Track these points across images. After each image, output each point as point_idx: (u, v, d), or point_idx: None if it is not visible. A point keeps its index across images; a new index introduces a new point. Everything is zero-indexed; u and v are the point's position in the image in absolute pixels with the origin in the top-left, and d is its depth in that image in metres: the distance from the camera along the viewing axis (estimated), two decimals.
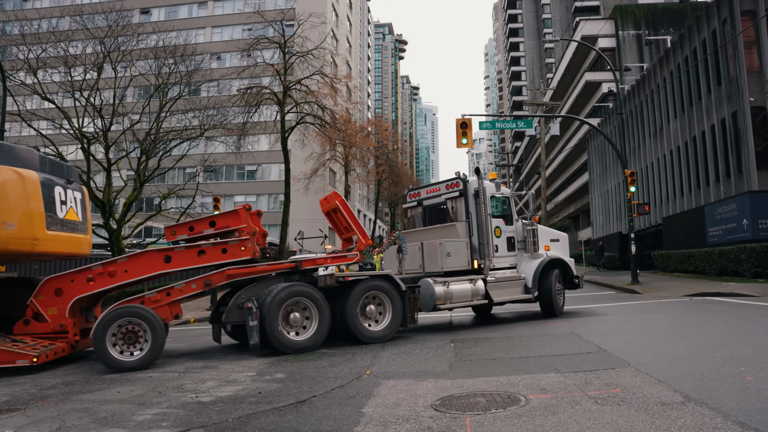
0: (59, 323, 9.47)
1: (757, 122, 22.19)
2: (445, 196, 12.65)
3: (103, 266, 9.65)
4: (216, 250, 9.90)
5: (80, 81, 23.90)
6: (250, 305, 8.99)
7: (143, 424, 5.27)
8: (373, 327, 10.05)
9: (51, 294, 9.56)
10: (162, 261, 9.78)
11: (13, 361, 8.60)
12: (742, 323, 9.87)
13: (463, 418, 4.84)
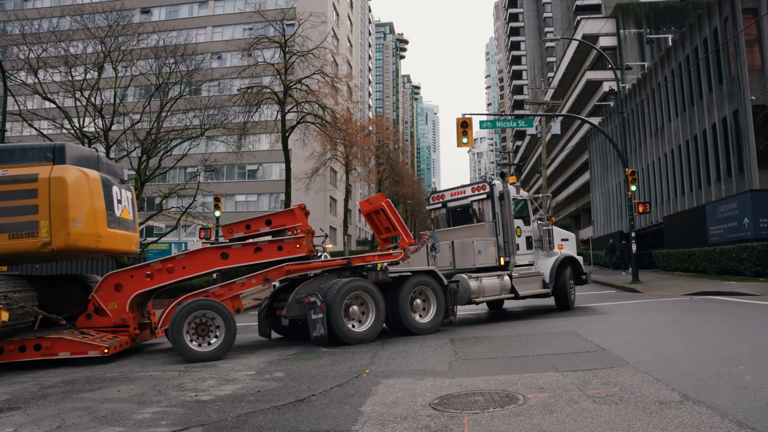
0: (120, 317, 9.93)
1: (759, 121, 22.16)
2: (471, 198, 13.37)
3: (161, 263, 10.17)
4: (272, 248, 10.39)
5: (81, 81, 23.93)
6: (313, 299, 9.42)
7: (142, 422, 5.29)
8: (420, 319, 10.67)
9: (111, 289, 9.99)
10: (219, 258, 10.27)
11: (85, 351, 9.19)
12: (742, 322, 9.86)
13: (461, 416, 4.85)
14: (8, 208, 9.05)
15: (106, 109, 24.31)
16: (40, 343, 9.20)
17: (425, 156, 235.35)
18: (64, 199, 9.13)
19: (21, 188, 9.15)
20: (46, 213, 9.10)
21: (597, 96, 50.94)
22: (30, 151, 9.62)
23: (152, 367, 8.57)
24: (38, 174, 9.19)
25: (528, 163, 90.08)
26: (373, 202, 11.69)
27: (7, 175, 9.17)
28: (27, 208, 9.11)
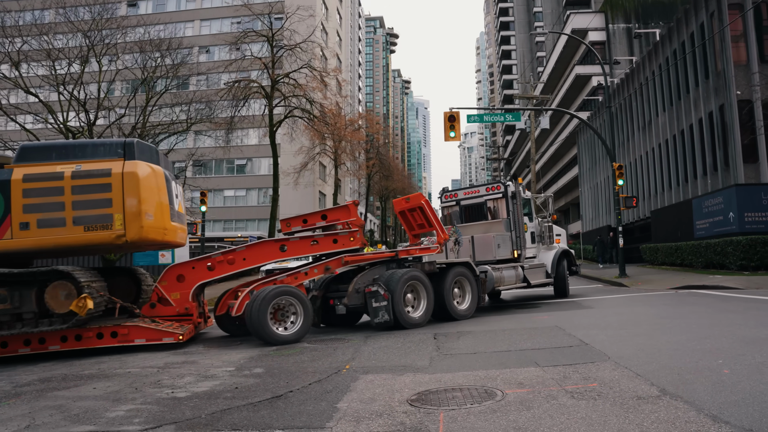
0: (184, 306, 10.51)
1: (744, 115, 22.26)
2: (485, 197, 14.71)
3: (223, 255, 10.79)
4: (328, 241, 11.16)
5: (64, 74, 23.60)
6: (375, 288, 10.30)
7: (115, 420, 5.19)
8: (458, 306, 11.67)
9: (173, 280, 10.60)
10: (278, 250, 11.03)
11: (160, 338, 9.87)
12: (725, 316, 9.89)
13: (437, 413, 4.79)
14: (83, 201, 9.46)
15: (90, 104, 24.01)
16: (117, 331, 9.79)
17: (415, 151, 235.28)
18: (137, 193, 9.57)
19: (95, 182, 9.53)
20: (119, 206, 9.53)
21: (586, 90, 51.02)
22: (101, 146, 10.12)
23: (132, 364, 8.45)
24: (111, 169, 9.61)
25: (518, 157, 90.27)
26: (410, 201, 12.64)
27: (81, 170, 9.57)
28: (101, 201, 9.52)
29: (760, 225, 19.27)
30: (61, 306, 9.31)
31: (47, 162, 9.74)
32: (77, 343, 9.69)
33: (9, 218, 9.36)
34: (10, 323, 9.34)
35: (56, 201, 9.44)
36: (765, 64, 22.47)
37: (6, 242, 9.32)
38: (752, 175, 22.19)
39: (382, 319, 10.22)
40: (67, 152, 9.95)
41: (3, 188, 9.42)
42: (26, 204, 9.39)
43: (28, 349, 9.58)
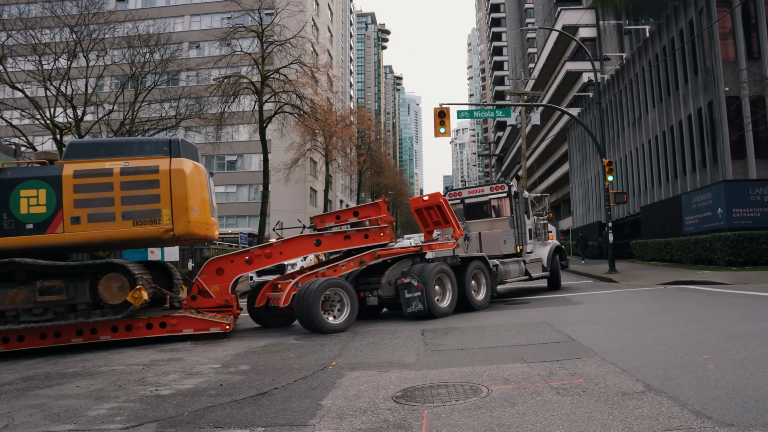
0: (224, 298, 10.88)
1: (732, 112, 22.38)
2: (490, 196, 15.66)
3: (261, 249, 11.32)
4: (359, 236, 11.77)
5: (50, 70, 23.34)
6: (408, 280, 10.97)
7: (96, 419, 5.12)
8: (477, 297, 12.44)
9: (213, 273, 11.01)
10: (313, 244, 11.57)
11: (207, 328, 10.28)
12: (712, 311, 9.93)
13: (421, 409, 4.76)
14: (131, 197, 9.83)
15: (77, 99, 23.77)
16: (165, 321, 10.17)
17: (407, 147, 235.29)
18: (184, 190, 9.96)
19: (143, 179, 9.90)
20: (167, 202, 9.90)
21: (577, 87, 51.17)
22: (147, 144, 10.53)
23: (117, 362, 8.37)
24: (158, 166, 9.98)
25: (509, 153, 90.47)
26: (428, 200, 13.31)
27: (129, 167, 9.93)
28: (149, 197, 9.87)
29: (748, 221, 19.41)
30: (114, 297, 9.73)
31: (95, 159, 10.07)
32: (127, 333, 10.05)
33: (61, 213, 9.69)
34: (64, 314, 9.69)
35: (106, 196, 9.81)
36: (753, 61, 22.60)
37: (58, 236, 9.68)
38: (740, 172, 22.33)
39: (415, 308, 10.87)
40: (115, 149, 10.34)
41: (54, 184, 9.72)
42: (77, 199, 9.73)
43: (81, 339, 9.94)
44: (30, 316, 9.55)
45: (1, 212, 9.63)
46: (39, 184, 9.72)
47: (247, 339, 9.97)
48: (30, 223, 9.65)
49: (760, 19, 22.84)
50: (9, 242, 9.60)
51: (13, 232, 9.60)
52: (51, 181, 9.75)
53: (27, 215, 9.65)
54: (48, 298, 9.54)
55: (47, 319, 9.60)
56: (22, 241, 9.64)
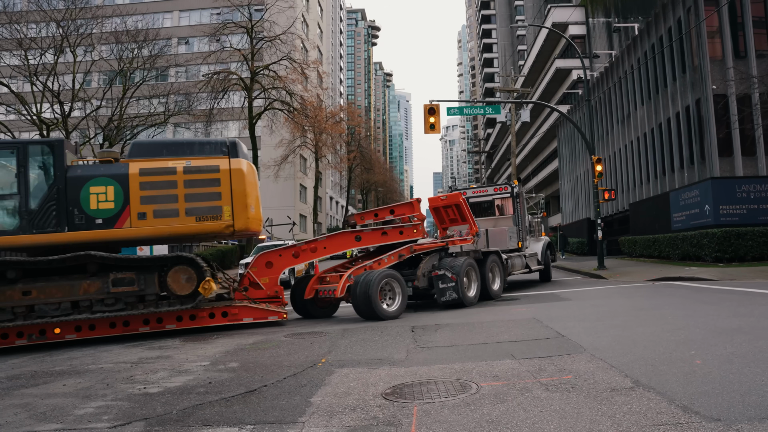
0: (273, 290, 11.65)
1: (719, 110, 22.56)
2: (493, 196, 17.08)
3: (307, 244, 12.18)
4: (395, 232, 12.73)
5: (36, 65, 23.06)
6: (442, 272, 12.03)
7: (83, 418, 5.07)
8: (494, 287, 13.79)
9: (262, 266, 11.73)
10: (353, 240, 12.52)
11: (265, 317, 11.18)
12: (699, 307, 10.01)
13: (411, 406, 4.76)
14: (194, 194, 10.51)
15: (64, 95, 23.51)
16: (227, 311, 10.93)
17: (397, 144, 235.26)
18: (243, 188, 10.71)
19: (205, 177, 10.59)
20: (228, 199, 10.61)
21: (566, 84, 51.36)
22: (207, 145, 11.16)
23: (105, 359, 8.30)
24: (219, 165, 10.68)
25: (498, 150, 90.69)
26: (447, 199, 14.24)
27: (191, 166, 10.59)
28: (211, 194, 10.57)
29: (735, 217, 19.60)
30: (182, 288, 10.38)
31: (158, 158, 10.68)
32: (191, 322, 10.69)
33: (128, 209, 10.29)
34: (133, 304, 10.27)
35: (170, 193, 10.42)
36: (739, 60, 22.79)
37: (126, 230, 10.29)
38: (727, 169, 22.53)
39: (449, 297, 11.95)
40: (176, 149, 10.95)
41: (122, 181, 10.31)
42: (143, 196, 10.34)
43: (148, 328, 10.50)
44: (102, 306, 10.12)
45: (73, 208, 10.14)
46: (107, 181, 10.26)
47: (237, 336, 9.92)
48: (99, 218, 10.21)
49: (747, 18, 23.03)
50: (80, 236, 10.12)
51: (84, 227, 10.15)
52: (118, 178, 10.31)
53: (96, 211, 10.20)
54: (120, 289, 10.12)
55: (118, 309, 10.17)
56: (92, 235, 10.17)
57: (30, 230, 10.00)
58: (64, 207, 10.13)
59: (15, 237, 9.97)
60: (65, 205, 10.13)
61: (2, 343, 9.86)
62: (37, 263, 9.80)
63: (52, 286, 9.93)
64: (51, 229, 10.05)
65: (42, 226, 10.03)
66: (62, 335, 10.09)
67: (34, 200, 10.08)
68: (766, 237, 18.69)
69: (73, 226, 10.12)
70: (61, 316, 9.91)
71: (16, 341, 9.87)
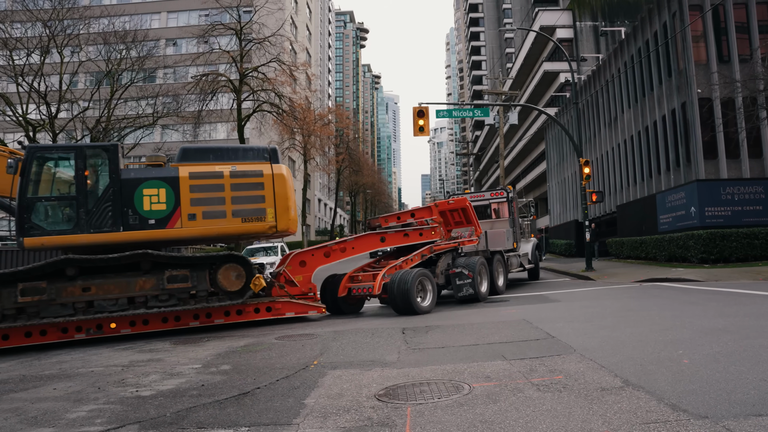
0: (307, 287, 12.37)
1: (704, 113, 22.86)
2: (490, 201, 18.28)
3: (337, 244, 12.99)
4: (415, 234, 13.66)
5: (23, 65, 22.84)
6: (459, 270, 13.24)
7: (75, 422, 5.05)
8: (500, 283, 15.24)
9: (296, 265, 12.43)
10: (378, 241, 13.45)
11: (306, 311, 12.01)
12: (686, 308, 10.15)
13: (404, 407, 4.80)
14: (240, 197, 11.24)
15: (51, 96, 23.31)
16: (271, 306, 11.64)
17: (385, 146, 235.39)
18: (285, 192, 11.53)
19: (249, 181, 11.34)
20: (271, 202, 11.40)
21: (554, 87, 51.72)
22: (250, 151, 11.88)
23: (95, 363, 8.25)
24: (262, 170, 11.48)
25: (487, 152, 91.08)
26: (454, 203, 15.10)
27: (237, 170, 11.32)
28: (255, 197, 11.33)
29: (720, 219, 19.85)
30: (232, 285, 11.12)
31: (205, 162, 11.36)
32: (238, 317, 11.37)
33: (179, 210, 10.91)
34: (186, 300, 10.90)
35: (218, 196, 11.14)
36: (723, 64, 23.12)
37: (177, 230, 10.90)
38: (712, 171, 22.83)
39: (466, 293, 13.15)
40: (222, 154, 11.62)
41: (173, 184, 10.93)
42: (193, 198, 11.00)
43: (197, 323, 11.10)
44: (156, 302, 10.69)
45: (127, 209, 10.74)
46: (159, 183, 10.89)
47: (228, 339, 9.90)
48: (152, 218, 10.82)
49: (729, 23, 23.37)
50: (134, 236, 10.73)
51: (138, 227, 10.76)
52: (170, 181, 10.94)
53: (149, 212, 10.81)
54: (175, 285, 10.75)
55: (171, 305, 10.75)
56: (145, 235, 10.78)
57: (88, 230, 10.56)
58: (120, 208, 10.69)
59: (74, 236, 10.48)
60: (120, 206, 10.69)
61: (62, 337, 10.31)
62: (95, 261, 10.34)
63: (109, 282, 10.46)
64: (107, 228, 10.63)
65: (99, 226, 10.61)
66: (117, 330, 10.60)
67: (92, 201, 10.65)
68: (750, 238, 18.97)
69: (127, 226, 10.70)
70: (118, 311, 10.44)
71: (75, 335, 10.37)
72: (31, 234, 10.38)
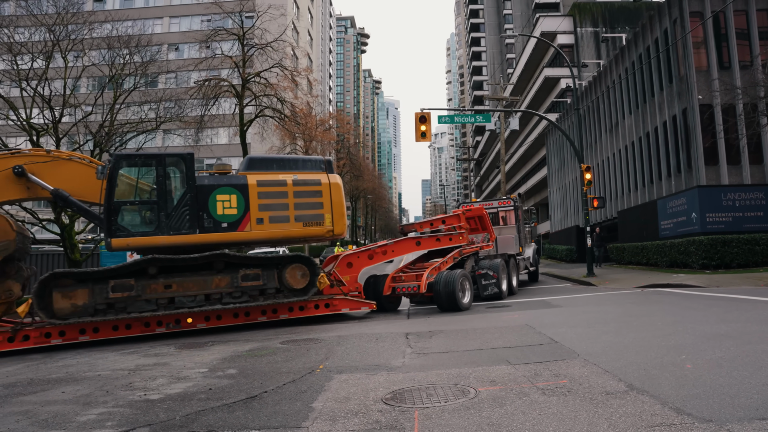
0: (355, 287, 13.40)
1: (705, 119, 22.95)
2: (498, 208, 19.55)
3: (379, 248, 14.01)
4: (446, 239, 14.84)
5: (27, 70, 22.92)
6: (484, 271, 15.15)
7: (86, 424, 5.11)
8: (514, 283, 16.85)
9: (344, 266, 13.43)
10: (414, 244, 14.58)
11: (359, 308, 13.12)
12: (688, 313, 10.21)
13: (412, 411, 4.86)
14: (302, 203, 12.29)
15: (55, 101, 23.37)
16: (329, 302, 12.58)
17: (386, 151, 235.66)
18: (340, 199, 12.65)
19: (310, 189, 12.44)
20: (329, 208, 12.49)
21: (555, 92, 51.86)
22: (309, 161, 13.04)
23: (101, 367, 8.31)
24: (320, 179, 12.62)
25: (487, 158, 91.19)
26: (471, 211, 16.35)
27: (299, 179, 12.41)
28: (315, 204, 12.41)
29: (721, 225, 19.91)
30: (298, 283, 12.05)
31: (270, 171, 12.38)
32: (300, 312, 12.24)
33: (248, 215, 11.89)
34: (256, 297, 11.80)
35: (283, 202, 12.14)
36: (724, 71, 23.22)
37: (247, 233, 11.88)
38: (713, 177, 22.89)
39: (491, 292, 15.02)
40: (284, 164, 12.71)
41: (242, 190, 11.91)
42: (261, 204, 11.98)
43: (265, 318, 12.00)
44: (230, 299, 11.58)
45: (203, 213, 11.64)
46: (230, 190, 11.83)
47: (232, 343, 9.95)
48: (225, 222, 11.76)
49: (730, 30, 23.48)
50: (209, 238, 11.66)
51: (212, 230, 11.68)
52: (240, 188, 11.90)
53: (222, 216, 11.76)
54: (248, 283, 11.63)
55: (243, 301, 11.65)
56: (219, 237, 11.73)
57: (167, 232, 11.42)
58: (196, 212, 11.58)
59: (155, 237, 11.36)
60: (196, 211, 11.59)
61: (144, 331, 11.17)
62: (178, 261, 11.22)
63: (188, 280, 11.32)
64: (185, 231, 11.51)
65: (177, 228, 11.48)
66: (194, 324, 11.43)
67: (171, 206, 11.52)
68: (751, 244, 19.03)
69: (203, 229, 11.62)
70: (195, 307, 11.29)
71: (156, 329, 11.25)
72: (118, 235, 11.20)
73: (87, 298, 10.75)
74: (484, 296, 14.90)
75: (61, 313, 10.63)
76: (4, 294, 11.18)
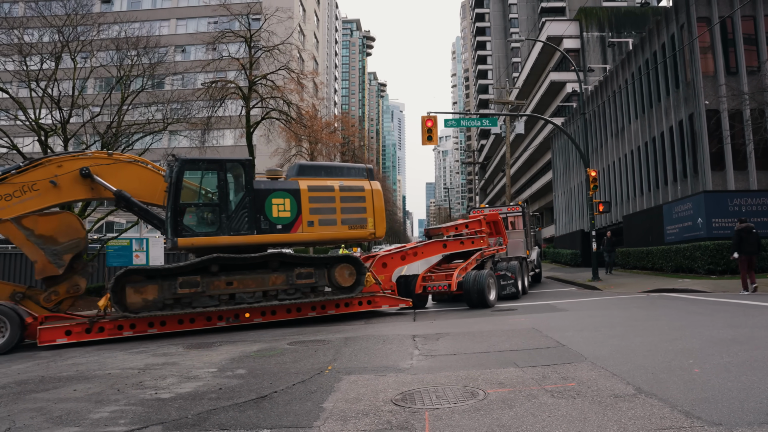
0: (389, 285, 14.45)
1: (712, 125, 22.94)
2: (507, 214, 20.53)
3: (410, 249, 15.23)
4: (469, 242, 15.92)
5: (36, 71, 23.09)
6: (503, 272, 16.45)
7: (99, 422, 5.17)
8: (526, 284, 18.36)
9: (379, 266, 14.33)
10: (441, 247, 15.57)
11: (397, 304, 14.07)
12: (694, 318, 10.22)
13: (422, 412, 4.90)
14: (347, 208, 13.17)
15: (63, 101, 23.52)
16: (371, 300, 13.50)
17: (390, 153, 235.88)
18: (381, 205, 13.67)
19: (354, 195, 13.35)
20: (371, 213, 13.44)
21: (560, 97, 51.85)
22: (353, 169, 13.97)
23: (111, 366, 8.38)
24: (363, 186, 13.57)
25: (492, 161, 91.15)
26: (490, 217, 17.51)
27: (344, 185, 13.33)
28: (359, 208, 13.34)
29: (727, 230, 19.86)
30: (346, 281, 12.96)
31: (318, 177, 13.23)
32: (345, 308, 13.15)
33: (300, 218, 12.70)
34: (307, 294, 12.65)
35: (331, 206, 12.99)
36: (731, 76, 23.21)
37: (299, 235, 12.73)
38: (719, 182, 22.87)
39: (510, 291, 16.36)
40: (331, 171, 13.61)
41: (295, 195, 12.73)
42: (311, 207, 12.80)
43: (314, 313, 12.81)
44: (284, 296, 12.42)
45: (260, 215, 12.40)
46: (284, 194, 12.63)
47: (240, 344, 10.01)
48: (279, 224, 12.55)
49: (737, 35, 23.49)
50: (265, 239, 12.45)
51: (268, 231, 12.46)
52: (293, 193, 12.71)
53: (277, 218, 12.54)
54: (302, 281, 12.49)
55: (296, 298, 12.48)
56: (274, 238, 12.54)
57: (228, 232, 12.16)
58: (254, 214, 12.32)
59: (218, 238, 12.11)
60: (254, 213, 12.32)
61: (207, 325, 11.86)
62: (238, 260, 11.97)
63: (248, 278, 12.08)
64: (244, 232, 12.26)
65: (237, 229, 12.22)
66: (251, 319, 12.22)
67: (232, 208, 12.26)
68: None
69: (260, 230, 12.38)
70: (254, 303, 12.08)
71: (217, 323, 11.94)
72: (184, 235, 11.91)
73: (157, 294, 11.43)
74: (502, 295, 15.97)
75: (133, 307, 11.28)
76: (72, 289, 11.98)
